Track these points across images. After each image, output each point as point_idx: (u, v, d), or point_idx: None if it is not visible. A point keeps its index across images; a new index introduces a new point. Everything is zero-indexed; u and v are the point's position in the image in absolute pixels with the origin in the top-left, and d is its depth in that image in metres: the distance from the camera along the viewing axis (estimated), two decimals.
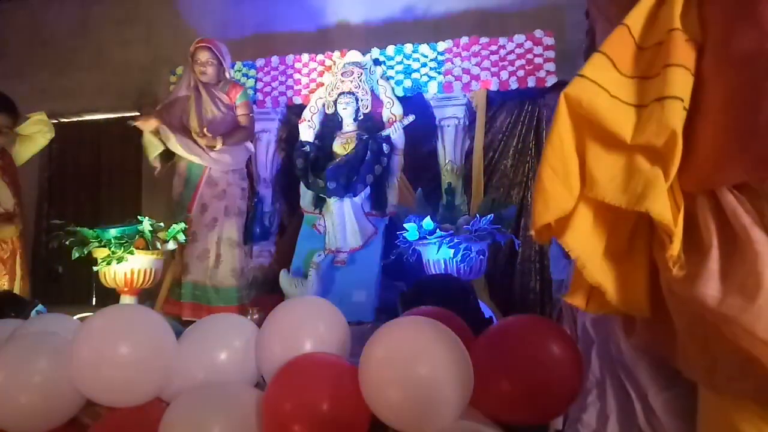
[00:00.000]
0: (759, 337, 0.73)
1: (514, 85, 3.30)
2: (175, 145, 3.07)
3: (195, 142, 3.07)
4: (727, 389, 0.81)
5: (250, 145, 3.30)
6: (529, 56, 3.30)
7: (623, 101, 0.85)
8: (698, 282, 0.79)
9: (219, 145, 3.03)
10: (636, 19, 0.88)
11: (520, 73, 3.30)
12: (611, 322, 1.19)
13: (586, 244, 0.89)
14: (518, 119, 3.50)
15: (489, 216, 2.71)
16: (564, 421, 1.50)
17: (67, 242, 2.86)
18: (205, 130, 3.03)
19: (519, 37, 3.33)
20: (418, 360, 1.27)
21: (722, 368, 0.80)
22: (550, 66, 3.25)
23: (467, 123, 3.41)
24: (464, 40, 3.41)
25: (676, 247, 0.81)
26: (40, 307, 2.45)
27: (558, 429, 1.58)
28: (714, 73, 0.82)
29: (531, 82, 3.28)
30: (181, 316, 2.92)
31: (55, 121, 4.81)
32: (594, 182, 0.86)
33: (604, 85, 0.85)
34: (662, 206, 0.80)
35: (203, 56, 3.12)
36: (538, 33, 3.31)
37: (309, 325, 1.56)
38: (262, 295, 3.21)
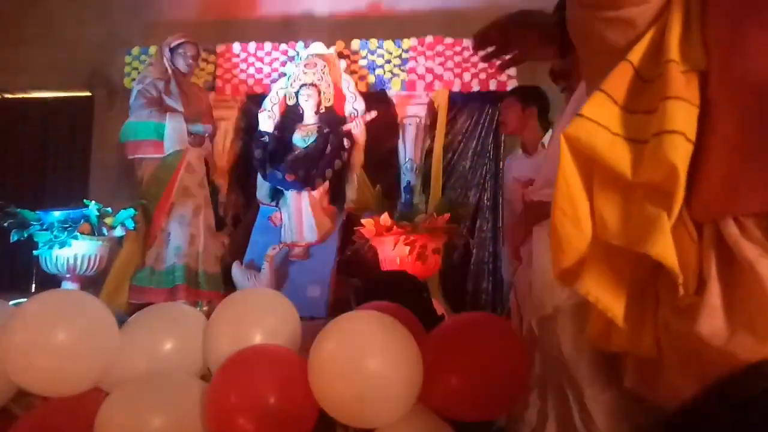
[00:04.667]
0: None
1: (476, 87, 3.34)
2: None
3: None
4: None
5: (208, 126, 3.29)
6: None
7: (626, 138, 0.81)
8: (700, 318, 0.75)
9: (209, 132, 3.21)
10: (638, 51, 0.84)
11: (482, 75, 3.34)
12: (555, 324, 1.21)
13: (603, 286, 0.84)
14: (478, 122, 3.55)
15: (445, 215, 2.73)
16: (507, 418, 1.53)
17: (5, 224, 2.71)
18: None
19: None
20: (367, 354, 1.26)
21: None
22: (512, 70, 3.29)
23: (428, 123, 3.43)
24: (429, 39, 3.43)
25: (691, 286, 0.77)
26: None
27: (501, 425, 1.61)
28: (723, 97, 0.78)
29: (492, 86, 3.32)
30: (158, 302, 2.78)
31: None
32: (603, 223, 0.83)
33: (604, 122, 0.81)
34: (663, 247, 0.75)
35: (192, 51, 3.18)
36: None
37: (259, 317, 1.53)
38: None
